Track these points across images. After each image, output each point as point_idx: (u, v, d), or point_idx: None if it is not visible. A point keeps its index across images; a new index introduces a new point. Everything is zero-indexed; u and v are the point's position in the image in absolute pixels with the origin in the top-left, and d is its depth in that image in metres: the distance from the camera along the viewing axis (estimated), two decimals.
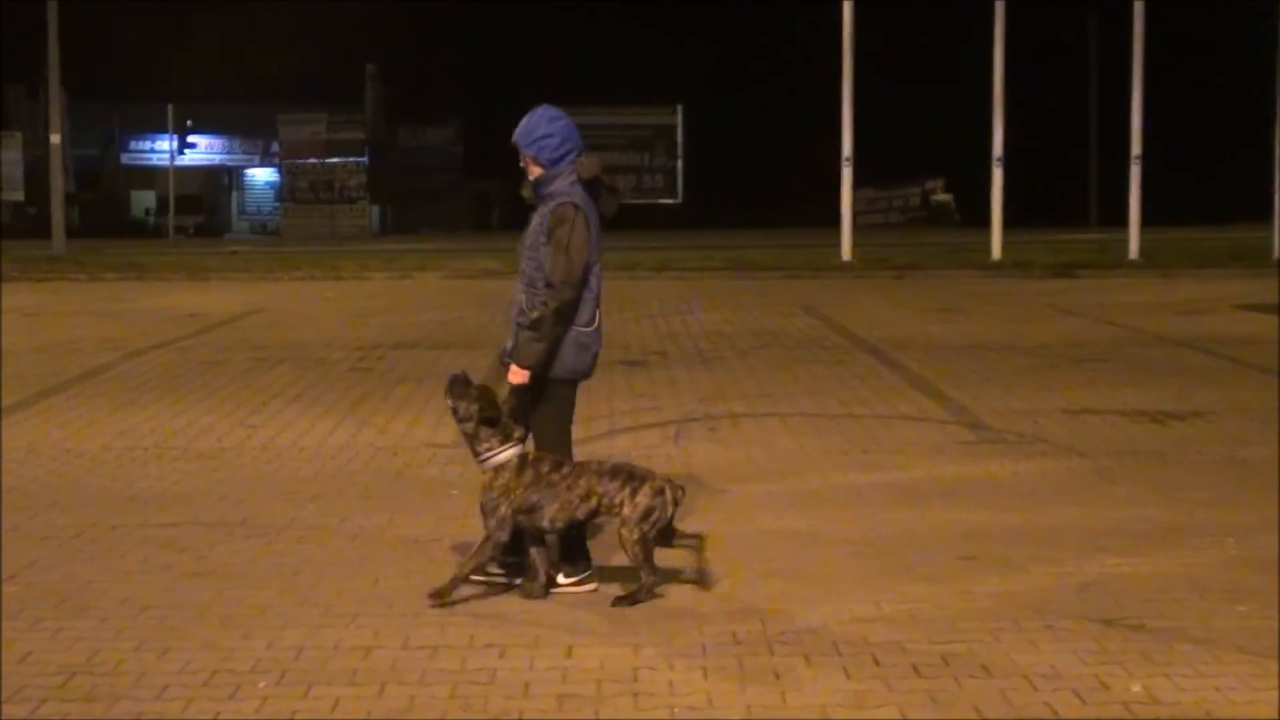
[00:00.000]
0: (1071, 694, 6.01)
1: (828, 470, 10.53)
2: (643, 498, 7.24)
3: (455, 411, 7.47)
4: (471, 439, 7.42)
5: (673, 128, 55.89)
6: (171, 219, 55.14)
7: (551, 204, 7.40)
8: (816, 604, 7.23)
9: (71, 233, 40.91)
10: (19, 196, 53.69)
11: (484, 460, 7.36)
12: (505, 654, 6.55)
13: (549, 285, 7.28)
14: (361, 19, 58.05)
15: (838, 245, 32.11)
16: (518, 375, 7.35)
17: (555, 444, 7.55)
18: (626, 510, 7.22)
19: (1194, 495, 9.60)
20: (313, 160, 59.52)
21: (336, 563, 8.10)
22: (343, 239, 51.40)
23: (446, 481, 10.25)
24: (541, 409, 7.51)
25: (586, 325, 7.46)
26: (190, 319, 21.59)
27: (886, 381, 14.71)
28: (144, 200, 63.57)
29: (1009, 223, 31.98)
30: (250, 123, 62.97)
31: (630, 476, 7.35)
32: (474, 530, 8.71)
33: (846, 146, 32.06)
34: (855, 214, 33.58)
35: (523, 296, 7.45)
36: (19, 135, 54.64)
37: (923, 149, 55.28)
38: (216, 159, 65.00)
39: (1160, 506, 9.28)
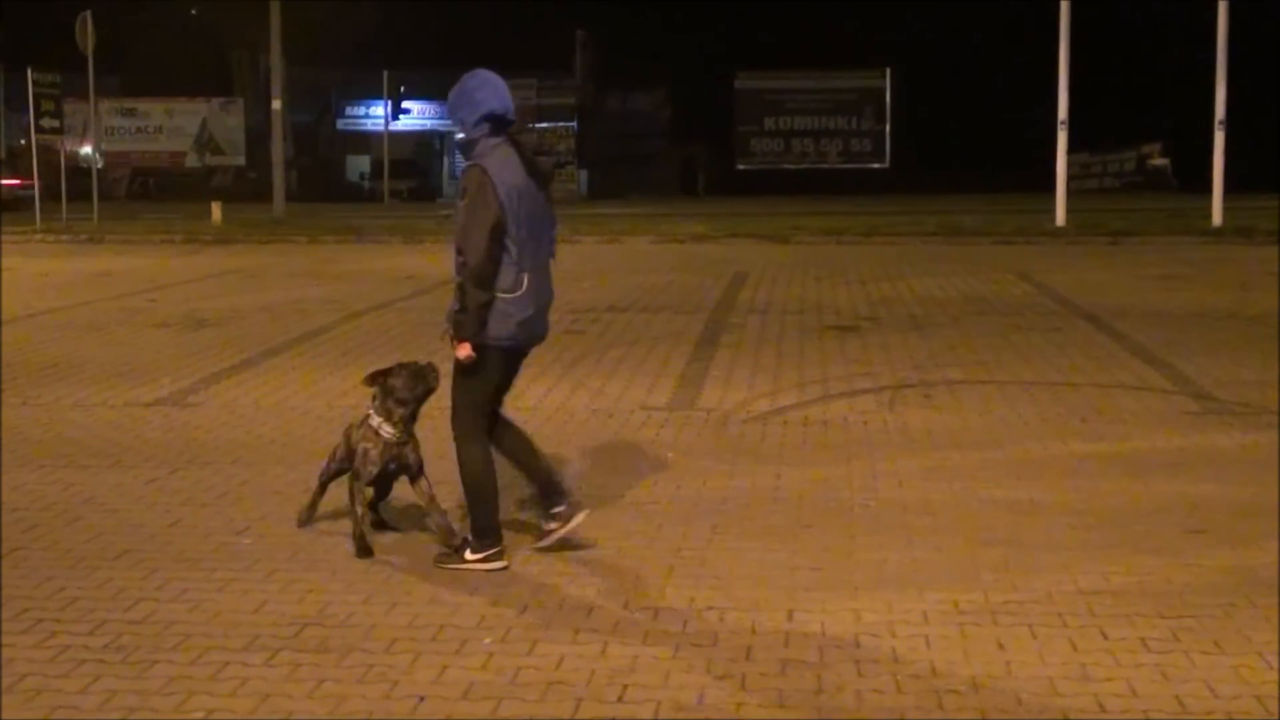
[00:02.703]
0: None
1: (1047, 439, 10.37)
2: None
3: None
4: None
5: (881, 91, 55.36)
6: (386, 183, 55.99)
7: (464, 167, 7.28)
8: (1040, 574, 7.12)
9: (290, 196, 41.70)
10: (240, 161, 54.89)
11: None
12: (724, 617, 6.55)
13: (459, 252, 7.18)
14: None
15: (1051, 211, 31.58)
16: (460, 349, 7.23)
17: (464, 406, 7.41)
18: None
19: None
20: (523, 124, 60.01)
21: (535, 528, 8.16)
22: (552, 202, 51.73)
23: (662, 443, 10.28)
24: (457, 370, 7.35)
25: (508, 291, 7.25)
26: (407, 280, 21.91)
27: (1106, 349, 14.44)
28: (359, 165, 64.59)
29: (1229, 188, 31.17)
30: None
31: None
32: (691, 491, 8.76)
33: (1062, 110, 31.49)
34: (1069, 179, 33.00)
35: (455, 265, 7.35)
36: (241, 101, 55.86)
37: (1139, 112, 54.09)
38: (429, 124, 65.80)
39: None
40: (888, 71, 55.33)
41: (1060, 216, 31.40)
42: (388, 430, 7.65)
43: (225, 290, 20.94)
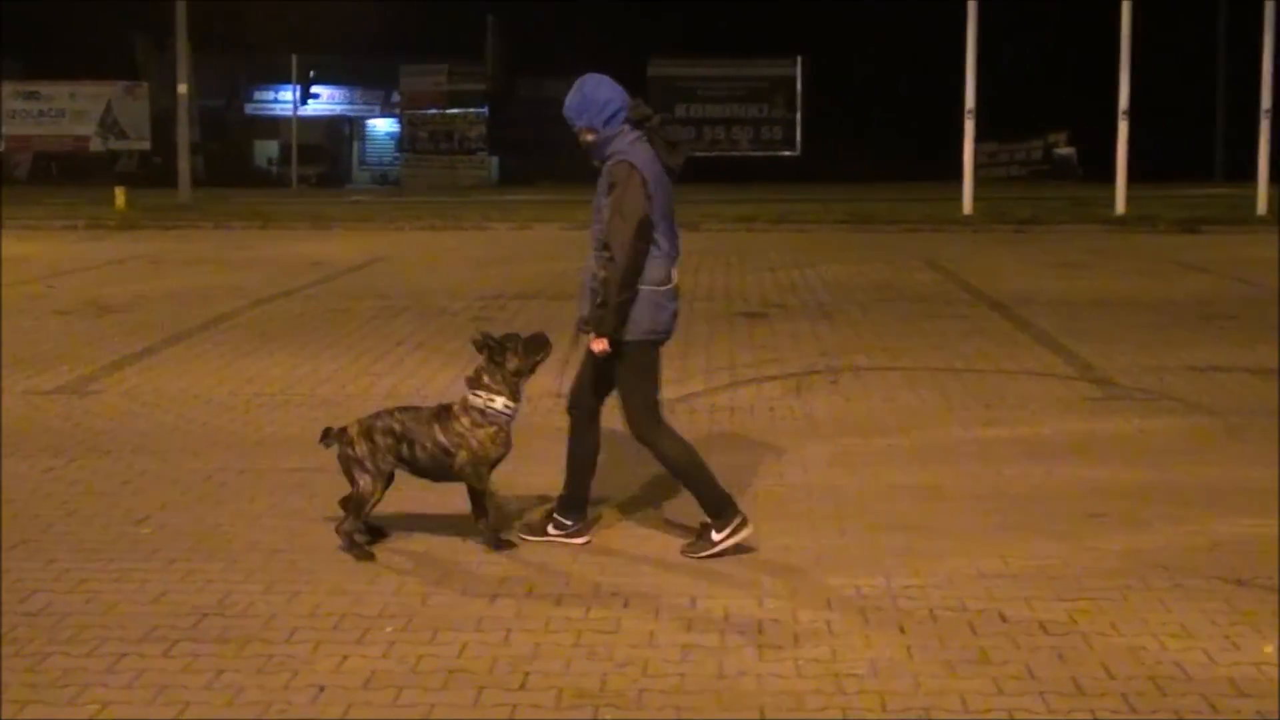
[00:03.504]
0: (1202, 653, 5.93)
1: (952, 425, 10.45)
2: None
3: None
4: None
5: (792, 79, 55.47)
6: (294, 168, 55.55)
7: (608, 163, 7.25)
8: (942, 559, 7.18)
9: (196, 181, 41.29)
10: (146, 145, 54.33)
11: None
12: (628, 603, 6.56)
13: (607, 248, 7.11)
14: None
15: (959, 199, 31.79)
16: (599, 344, 7.19)
17: (639, 407, 7.35)
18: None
19: None
20: (433, 111, 59.68)
21: (461, 509, 8.13)
22: (463, 189, 51.49)
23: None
24: (621, 373, 7.33)
25: (661, 284, 7.24)
26: (314, 267, 21.77)
27: (1010, 336, 14.57)
28: (267, 150, 64.04)
29: (1132, 177, 31.50)
30: (372, 74, 63.25)
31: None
32: (598, 479, 8.75)
33: (969, 99, 31.70)
34: (977, 167, 33.23)
35: (594, 261, 7.29)
36: (146, 85, 55.27)
37: (1046, 101, 54.53)
38: (338, 109, 65.36)
39: None
40: (798, 60, 55.48)
41: (968, 205, 31.61)
42: (508, 405, 7.51)
43: (128, 276, 20.73)
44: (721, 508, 7.27)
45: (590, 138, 7.32)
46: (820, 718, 5.37)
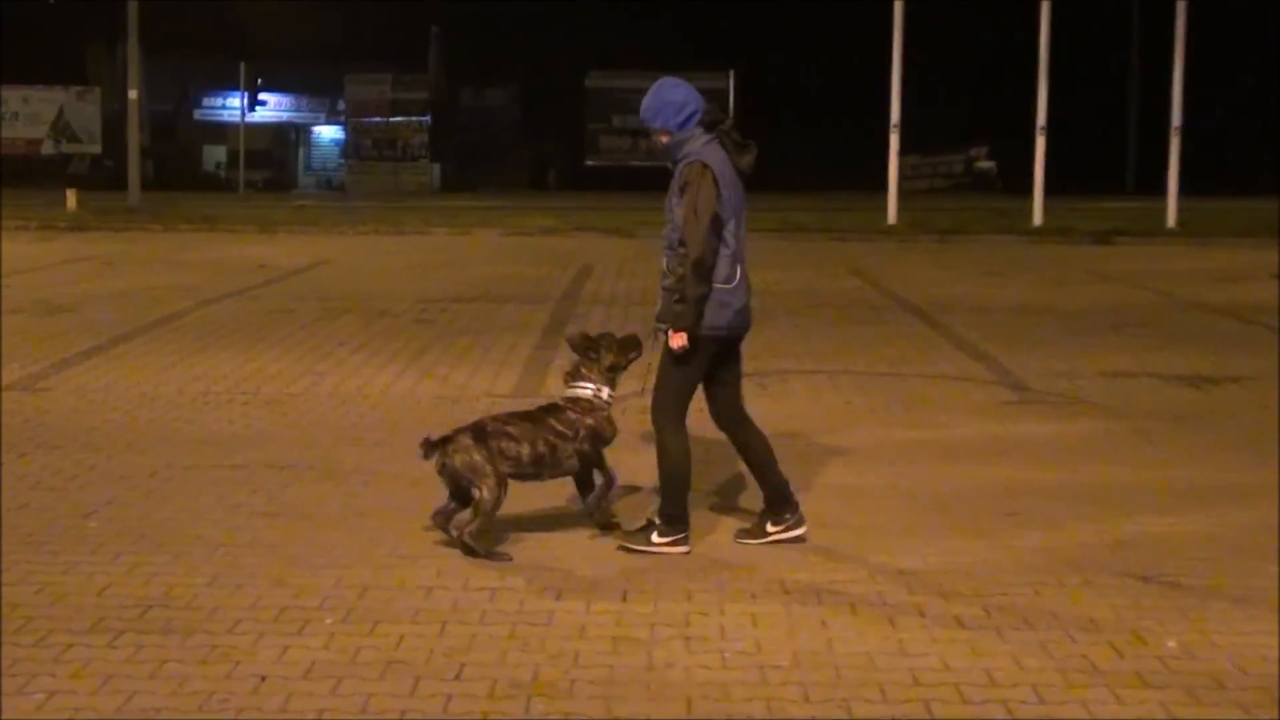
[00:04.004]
0: (1109, 647, 5.98)
1: (874, 427, 10.50)
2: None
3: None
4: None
5: (724, 92, 55.51)
6: (242, 173, 55.27)
7: (682, 164, 7.24)
8: (863, 556, 7.22)
9: (146, 185, 40.98)
10: (97, 149, 53.90)
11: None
12: (561, 597, 6.57)
13: (682, 245, 7.10)
14: None
15: (884, 209, 31.93)
16: (677, 339, 7.15)
17: (670, 396, 7.35)
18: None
19: (1228, 458, 9.54)
20: (377, 119, 59.47)
21: (400, 506, 8.13)
22: (405, 195, 51.29)
23: None
24: (665, 359, 7.32)
25: (725, 282, 7.22)
26: (260, 269, 21.65)
27: (931, 342, 14.65)
28: (215, 154, 63.69)
29: (1050, 190, 31.72)
30: (318, 82, 63.00)
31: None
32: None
33: (894, 113, 31.86)
34: (901, 179, 33.38)
35: (665, 259, 7.28)
36: (98, 90, 54.85)
37: (968, 116, 54.85)
38: (285, 116, 65.04)
39: (1196, 468, 9.23)
40: (730, 74, 55.58)
41: (892, 215, 31.75)
42: (612, 395, 7.65)
43: (79, 277, 20.55)
44: (677, 520, 7.27)
45: (665, 139, 7.33)
46: (745, 708, 5.38)
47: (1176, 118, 31.16)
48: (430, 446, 7.31)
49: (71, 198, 34.93)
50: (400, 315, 16.35)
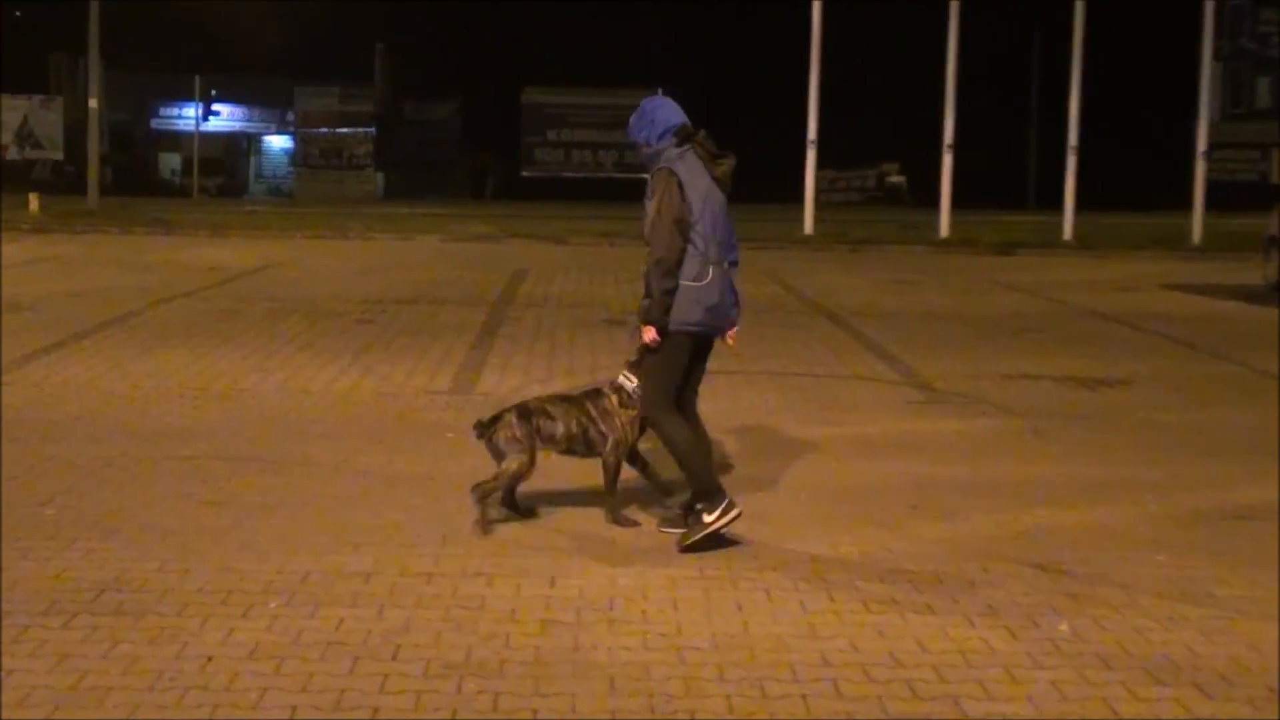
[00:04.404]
0: (1005, 631, 6.02)
1: (789, 424, 10.52)
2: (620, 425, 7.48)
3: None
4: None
5: None
6: (195, 180, 54.95)
7: (652, 171, 7.34)
8: (777, 544, 7.23)
9: (104, 190, 40.67)
10: (59, 156, 53.42)
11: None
12: (492, 582, 6.55)
13: (649, 245, 7.22)
14: (374, 0, 57.96)
15: (801, 220, 32.03)
16: (647, 333, 7.21)
17: (658, 390, 7.32)
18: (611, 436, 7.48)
19: (1119, 455, 9.62)
20: (325, 130, 59.17)
21: (341, 496, 8.09)
22: (351, 202, 51.01)
23: (443, 425, 10.21)
24: (649, 357, 7.33)
25: (696, 280, 7.21)
26: (211, 271, 21.47)
27: (843, 345, 14.70)
28: (170, 162, 63.26)
29: (956, 203, 31.92)
30: (268, 94, 62.72)
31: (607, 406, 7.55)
32: (469, 469, 8.72)
33: (811, 130, 31.97)
34: (817, 192, 33.50)
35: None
36: (60, 99, 54.38)
37: (879, 134, 55.15)
38: (237, 126, 64.62)
39: (1089, 464, 9.30)
40: (659, 92, 55.71)
41: (808, 226, 31.87)
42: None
43: (39, 277, 20.32)
44: (715, 493, 7.21)
45: (645, 151, 7.41)
46: (665, 687, 5.38)
47: (1073, 137, 31.46)
48: (483, 427, 7.47)
49: (34, 201, 34.55)
50: (344, 316, 16.26)
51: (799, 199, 32.91)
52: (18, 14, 56.36)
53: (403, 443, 9.62)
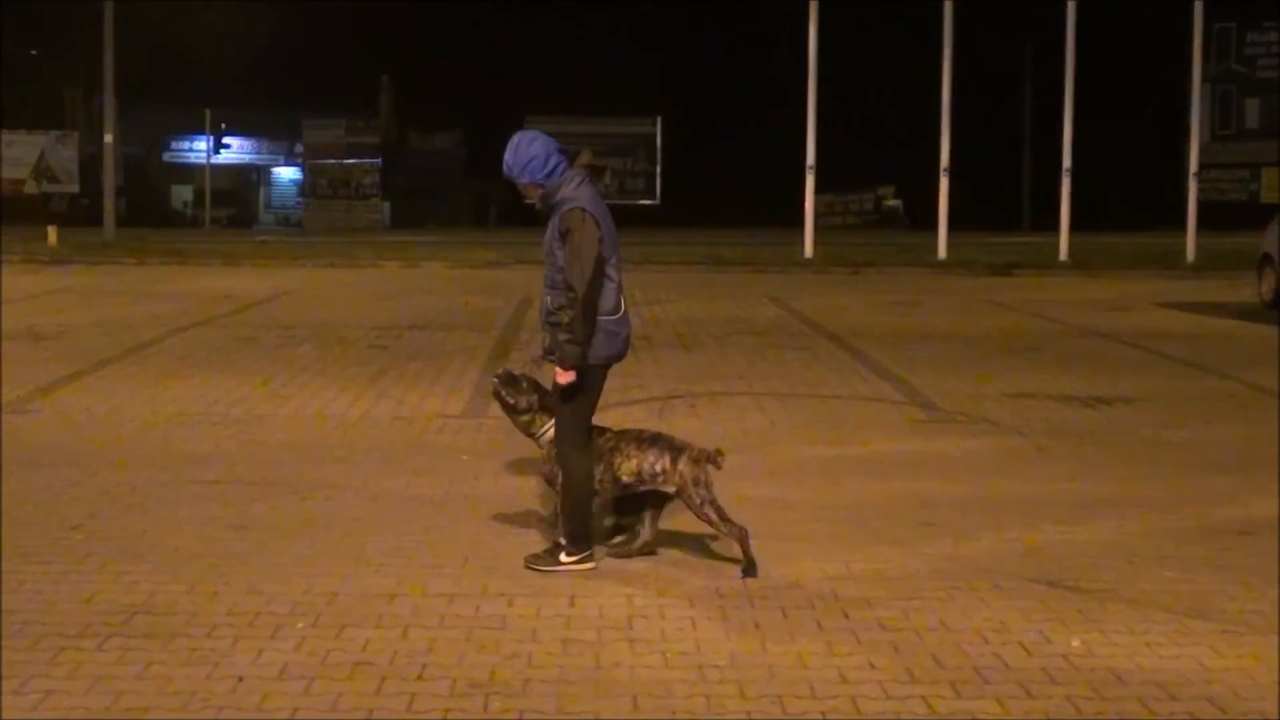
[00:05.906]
0: (1018, 646, 6.01)
1: (796, 444, 10.52)
2: (684, 466, 7.11)
3: (513, 406, 7.38)
4: (528, 425, 7.39)
5: (653, 136, 55.71)
6: (207, 211, 55.11)
7: (561, 209, 7.02)
8: (791, 563, 7.22)
9: (119, 222, 40.75)
10: (75, 189, 53.59)
11: (541, 437, 7.35)
12: (513, 602, 6.54)
13: (570, 288, 6.93)
14: (378, 35, 58.12)
15: (801, 244, 32.08)
16: (564, 376, 6.98)
17: (573, 425, 7.16)
18: (673, 479, 7.11)
19: (1122, 471, 9.61)
20: (332, 161, 59.31)
21: (361, 519, 8.08)
22: (358, 231, 51.11)
23: (457, 448, 10.22)
24: (560, 396, 7.13)
25: (611, 313, 7.07)
26: (226, 300, 21.50)
27: (847, 366, 14.70)
28: (182, 194, 63.51)
29: (952, 226, 31.97)
30: (277, 127, 62.94)
31: (668, 446, 7.22)
32: (486, 490, 8.73)
33: (810, 156, 32.05)
34: (816, 216, 33.57)
35: (548, 298, 7.11)
36: (75, 134, 54.59)
37: (876, 159, 55.26)
38: (247, 158, 64.85)
39: (1093, 481, 9.30)
40: (658, 120, 55.79)
41: (809, 249, 31.94)
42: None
43: (60, 307, 20.35)
44: (583, 539, 7.08)
45: (538, 192, 7.10)
46: (687, 705, 5.38)
47: (1067, 160, 31.52)
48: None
49: (52, 234, 34.65)
50: (356, 342, 16.27)
51: (797, 222, 32.98)
52: (33, 52, 56.51)
53: (419, 466, 9.62)
